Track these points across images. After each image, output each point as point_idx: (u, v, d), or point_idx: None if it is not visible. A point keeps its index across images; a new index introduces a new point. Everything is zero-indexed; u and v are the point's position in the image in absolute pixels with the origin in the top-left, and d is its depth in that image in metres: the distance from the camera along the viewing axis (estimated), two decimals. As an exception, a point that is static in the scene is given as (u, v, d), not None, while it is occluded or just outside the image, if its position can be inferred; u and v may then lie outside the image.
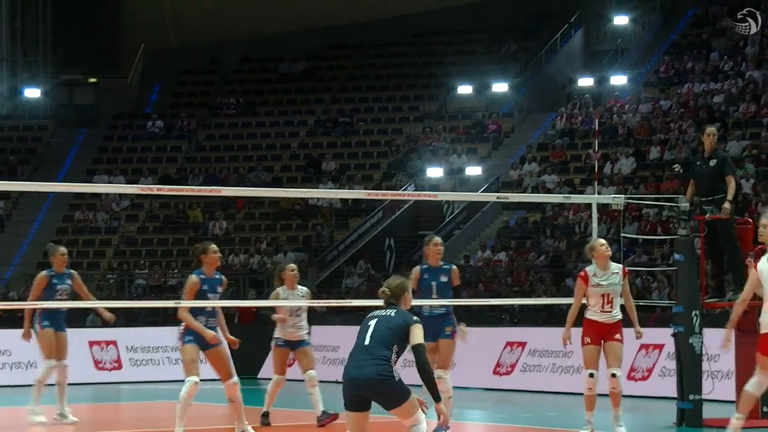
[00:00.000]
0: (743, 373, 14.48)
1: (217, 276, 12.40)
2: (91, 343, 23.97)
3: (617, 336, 12.54)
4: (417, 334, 8.55)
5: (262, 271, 34.25)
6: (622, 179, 33.17)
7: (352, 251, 35.64)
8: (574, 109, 38.90)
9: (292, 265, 14.56)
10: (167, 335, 23.34)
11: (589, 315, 12.81)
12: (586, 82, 39.72)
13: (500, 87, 40.95)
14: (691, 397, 15.13)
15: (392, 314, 8.72)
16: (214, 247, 12.61)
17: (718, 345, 14.53)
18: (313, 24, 46.38)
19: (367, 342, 8.67)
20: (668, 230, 24.66)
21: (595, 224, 16.36)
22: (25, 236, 39.22)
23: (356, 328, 18.05)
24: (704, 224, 15.05)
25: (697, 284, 15.06)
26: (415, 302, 13.14)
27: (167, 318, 23.54)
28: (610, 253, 12.49)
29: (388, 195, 34.75)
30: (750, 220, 16.16)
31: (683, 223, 15.32)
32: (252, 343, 18.23)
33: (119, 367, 24.13)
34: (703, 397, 15.18)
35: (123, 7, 50.18)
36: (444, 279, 13.31)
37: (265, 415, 15.22)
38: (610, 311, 12.54)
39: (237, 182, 38.04)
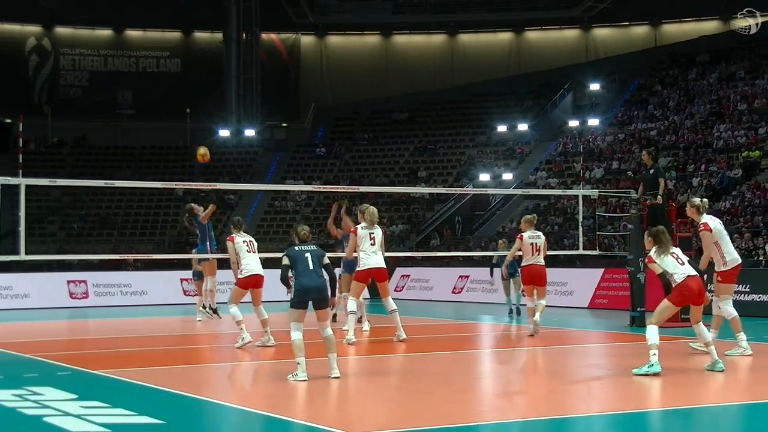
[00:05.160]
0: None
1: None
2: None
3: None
4: (326, 259, 10.91)
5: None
6: (596, 181, 36.37)
7: (436, 224, 40.38)
8: (567, 140, 42.48)
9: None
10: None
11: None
12: (574, 123, 43.78)
13: (523, 126, 45.53)
14: (638, 309, 17.24)
15: (314, 248, 10.96)
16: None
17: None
18: (412, 90, 52.40)
19: (311, 267, 10.80)
20: (624, 211, 26.32)
21: (580, 207, 18.71)
22: (246, 216, 43.83)
23: (439, 270, 25.02)
24: (646, 207, 17.13)
25: (641, 241, 15.70)
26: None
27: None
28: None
29: (457, 190, 39.29)
30: (673, 204, 18.23)
31: (634, 206, 17.61)
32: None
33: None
34: (645, 309, 16.99)
35: (301, 82, 56.75)
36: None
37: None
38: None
39: (368, 183, 42.53)
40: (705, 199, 13.63)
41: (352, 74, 56.18)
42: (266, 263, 15.08)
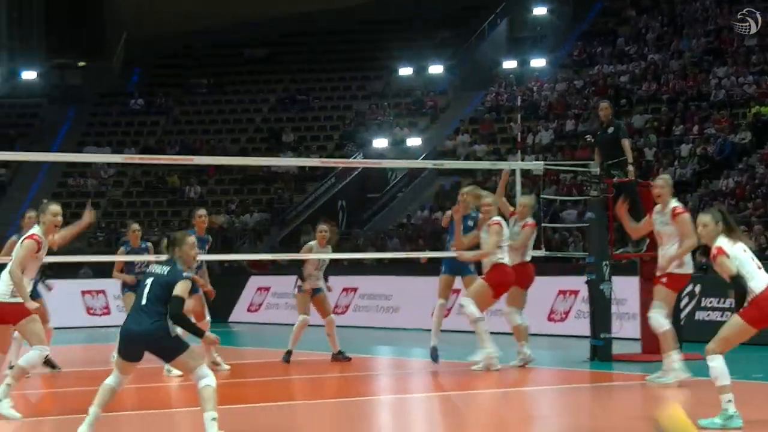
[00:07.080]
0: (646, 314, 16.35)
1: (206, 236, 17.43)
2: (83, 293, 30.05)
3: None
4: (178, 289, 10.68)
5: (231, 228, 40.27)
6: (542, 148, 37.24)
7: (309, 212, 40.79)
8: (500, 88, 43.46)
9: (323, 226, 18.70)
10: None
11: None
12: (510, 64, 45.00)
13: (436, 69, 46.60)
14: (602, 335, 17.93)
15: (165, 272, 10.87)
16: (201, 211, 17.69)
17: (624, 290, 18.14)
18: (272, 14, 52.70)
19: (143, 302, 10.82)
20: (582, 192, 27.86)
21: (518, 187, 19.11)
22: (24, 200, 43.76)
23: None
24: (612, 186, 17.96)
25: (606, 238, 17.83)
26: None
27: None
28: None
29: (339, 163, 39.32)
30: (651, 182, 17.97)
31: (594, 186, 18.38)
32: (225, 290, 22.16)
33: (108, 313, 29.96)
34: (612, 335, 17.92)
35: (107, 1, 55.82)
36: None
37: (288, 353, 18.88)
38: None
39: (208, 152, 42.61)
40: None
41: (184, -10, 55.05)
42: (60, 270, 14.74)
